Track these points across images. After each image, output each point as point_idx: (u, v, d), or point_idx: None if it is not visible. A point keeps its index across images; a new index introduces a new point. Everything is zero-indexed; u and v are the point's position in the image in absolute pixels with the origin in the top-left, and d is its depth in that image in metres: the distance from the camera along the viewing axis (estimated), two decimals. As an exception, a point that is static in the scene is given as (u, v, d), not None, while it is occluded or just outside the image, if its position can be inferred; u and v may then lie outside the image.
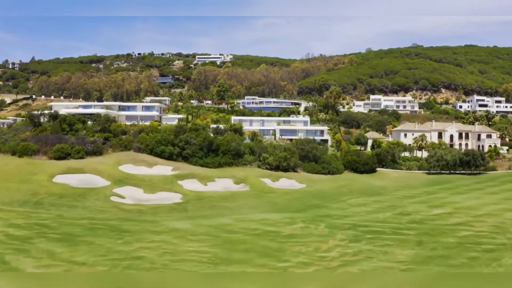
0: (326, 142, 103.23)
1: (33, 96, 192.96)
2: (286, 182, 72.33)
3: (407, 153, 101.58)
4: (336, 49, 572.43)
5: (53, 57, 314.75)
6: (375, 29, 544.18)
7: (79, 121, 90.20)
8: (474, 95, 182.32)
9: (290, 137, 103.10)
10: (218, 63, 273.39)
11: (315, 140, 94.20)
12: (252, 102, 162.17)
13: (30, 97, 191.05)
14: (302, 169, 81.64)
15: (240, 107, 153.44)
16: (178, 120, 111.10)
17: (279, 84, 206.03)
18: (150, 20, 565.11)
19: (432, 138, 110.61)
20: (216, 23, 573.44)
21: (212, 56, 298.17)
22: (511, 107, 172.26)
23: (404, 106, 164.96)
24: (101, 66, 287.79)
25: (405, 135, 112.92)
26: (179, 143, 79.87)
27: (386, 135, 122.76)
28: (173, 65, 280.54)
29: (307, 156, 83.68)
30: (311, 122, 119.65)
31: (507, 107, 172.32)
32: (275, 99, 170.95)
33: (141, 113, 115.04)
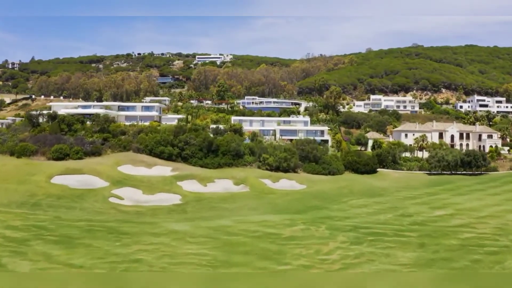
0: (327, 143, 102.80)
1: (33, 96, 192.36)
2: (286, 183, 71.81)
3: (408, 154, 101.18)
4: (336, 49, 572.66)
5: (53, 57, 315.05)
6: (375, 29, 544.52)
7: (78, 122, 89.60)
8: (475, 95, 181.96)
9: (290, 138, 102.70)
10: (218, 63, 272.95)
11: (316, 141, 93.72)
12: (252, 102, 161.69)
13: (30, 97, 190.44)
14: (303, 170, 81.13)
15: (240, 107, 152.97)
16: (178, 120, 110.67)
17: (279, 84, 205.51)
18: (150, 20, 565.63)
19: (433, 139, 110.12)
20: (216, 23, 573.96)
21: (212, 56, 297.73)
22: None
23: (405, 106, 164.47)
24: (101, 66, 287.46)
25: (406, 136, 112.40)
26: (179, 144, 79.34)
27: (387, 136, 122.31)
28: (173, 65, 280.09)
29: (308, 157, 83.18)
30: (311, 122, 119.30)
31: (508, 107, 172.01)
32: (275, 99, 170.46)
33: (141, 113, 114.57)
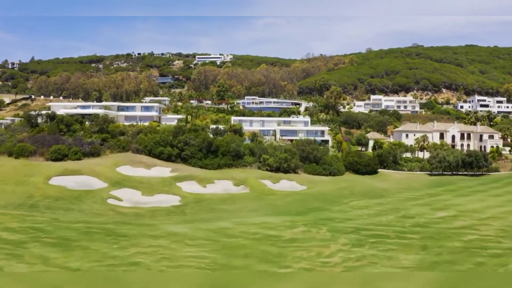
0: (327, 143, 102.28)
1: (32, 96, 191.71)
2: (287, 184, 71.26)
3: (409, 154, 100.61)
4: (336, 49, 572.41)
5: (53, 57, 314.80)
6: (375, 29, 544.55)
7: (77, 122, 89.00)
8: (475, 95, 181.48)
9: (291, 138, 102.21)
10: (218, 63, 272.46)
11: (316, 141, 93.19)
12: (252, 102, 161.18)
13: (29, 97, 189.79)
14: (303, 171, 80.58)
15: (240, 107, 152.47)
16: (178, 121, 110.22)
17: (279, 84, 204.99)
18: (150, 20, 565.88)
19: (434, 139, 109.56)
20: (216, 23, 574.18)
21: (212, 56, 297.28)
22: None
23: (405, 106, 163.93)
24: (101, 66, 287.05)
25: (407, 136, 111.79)
26: (178, 144, 78.76)
27: (387, 136, 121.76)
28: (173, 65, 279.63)
29: (308, 157, 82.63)
30: (312, 123, 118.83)
31: (509, 107, 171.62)
32: (275, 99, 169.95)
33: (140, 114, 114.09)
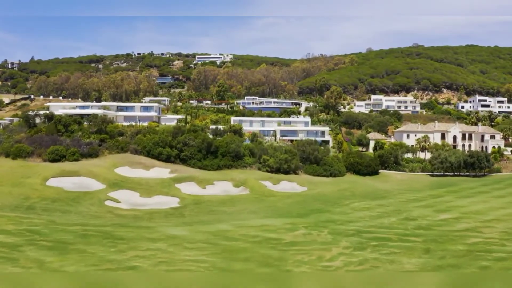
0: (327, 143, 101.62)
1: (32, 96, 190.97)
2: (287, 185, 70.53)
3: (410, 155, 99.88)
4: (337, 49, 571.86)
5: (53, 57, 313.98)
6: (375, 29, 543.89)
7: (75, 122, 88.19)
8: (476, 95, 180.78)
9: (291, 138, 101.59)
10: (218, 63, 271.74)
11: (317, 142, 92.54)
12: (252, 102, 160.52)
13: (29, 97, 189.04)
14: (304, 171, 79.92)
15: (240, 108, 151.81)
16: (177, 121, 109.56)
17: (280, 84, 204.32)
18: (150, 20, 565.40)
19: (435, 139, 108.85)
20: (216, 23, 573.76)
21: (212, 56, 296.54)
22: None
23: (406, 107, 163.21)
24: (101, 66, 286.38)
25: (408, 136, 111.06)
26: (177, 145, 78.02)
27: (388, 136, 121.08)
28: (173, 65, 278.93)
29: (309, 158, 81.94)
30: (312, 123, 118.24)
31: (510, 108, 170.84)
32: (276, 99, 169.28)
33: (140, 114, 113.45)
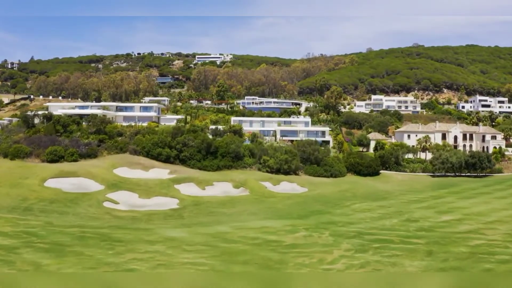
0: (328, 144, 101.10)
1: (31, 96, 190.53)
2: (287, 186, 69.95)
3: (411, 155, 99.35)
4: (337, 49, 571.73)
5: (53, 57, 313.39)
6: (376, 29, 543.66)
7: (74, 123, 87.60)
8: (477, 95, 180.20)
9: (291, 138, 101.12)
10: (218, 63, 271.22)
11: (317, 142, 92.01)
12: (252, 102, 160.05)
13: (28, 97, 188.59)
14: (304, 172, 79.38)
15: (240, 108, 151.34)
16: (177, 121, 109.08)
17: (280, 84, 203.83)
18: (150, 20, 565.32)
19: (436, 139, 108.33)
20: (216, 23, 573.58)
21: (212, 56, 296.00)
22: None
23: (406, 107, 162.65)
24: (100, 66, 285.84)
25: (409, 136, 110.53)
26: (177, 145, 77.44)
27: (389, 136, 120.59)
28: (173, 65, 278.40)
29: (309, 159, 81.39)
30: (312, 123, 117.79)
31: (510, 108, 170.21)
32: (276, 99, 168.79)
33: (139, 114, 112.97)
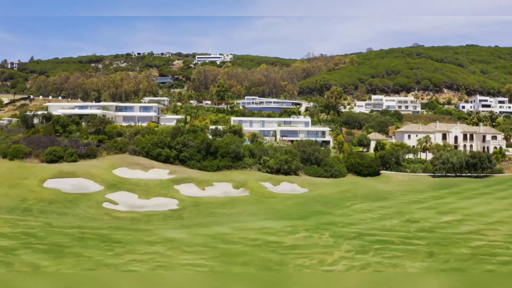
0: (328, 144, 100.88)
1: (31, 96, 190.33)
2: (288, 186, 69.67)
3: (411, 155, 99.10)
4: (337, 49, 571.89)
5: (52, 57, 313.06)
6: (376, 29, 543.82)
7: (73, 123, 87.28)
8: (477, 95, 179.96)
9: (291, 139, 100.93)
10: (218, 63, 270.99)
11: (317, 142, 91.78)
12: (252, 102, 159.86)
13: (28, 97, 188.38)
14: (304, 172, 79.11)
15: (240, 108, 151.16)
16: (177, 121, 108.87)
17: (280, 84, 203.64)
18: (150, 20, 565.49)
19: (436, 140, 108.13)
20: (216, 23, 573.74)
21: (212, 56, 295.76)
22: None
23: (406, 107, 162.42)
24: (100, 66, 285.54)
25: (409, 137, 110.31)
26: (176, 146, 77.14)
27: (389, 136, 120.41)
28: (173, 65, 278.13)
29: (309, 159, 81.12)
30: (312, 123, 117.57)
31: (511, 108, 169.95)
32: (276, 99, 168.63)
33: (139, 114, 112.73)
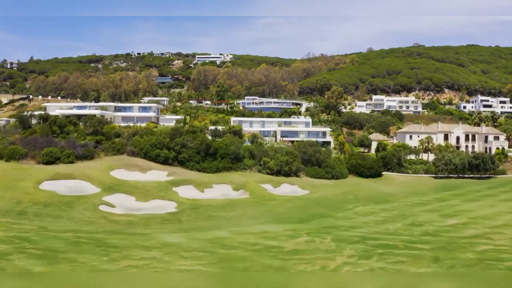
0: (329, 144, 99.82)
1: (30, 96, 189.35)
2: (288, 188, 68.49)
3: (413, 156, 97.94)
4: (337, 49, 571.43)
5: (52, 57, 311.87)
6: (376, 29, 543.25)
7: (70, 123, 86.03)
8: (478, 96, 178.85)
9: (291, 139, 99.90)
10: (218, 63, 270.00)
11: (318, 143, 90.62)
12: (252, 103, 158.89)
13: (27, 97, 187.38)
14: (305, 174, 77.84)
15: (240, 108, 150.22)
16: (176, 122, 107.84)
17: (280, 84, 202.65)
18: (150, 20, 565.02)
19: (438, 140, 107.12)
20: (216, 23, 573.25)
21: (212, 56, 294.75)
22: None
23: (407, 107, 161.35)
24: (100, 66, 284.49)
25: (411, 137, 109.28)
26: (175, 147, 75.87)
27: (390, 137, 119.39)
28: (173, 65, 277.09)
29: (310, 160, 79.89)
30: (313, 123, 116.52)
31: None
32: (276, 100, 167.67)
33: (138, 114, 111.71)
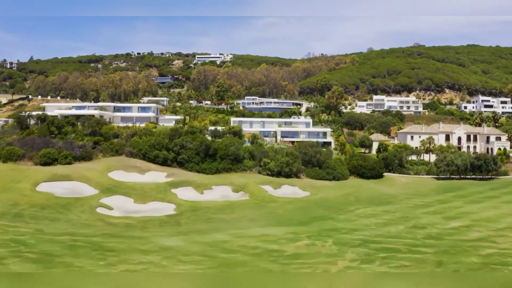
0: (329, 145, 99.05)
1: (30, 96, 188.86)
2: (289, 190, 67.69)
3: (414, 157, 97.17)
4: (337, 49, 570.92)
5: (52, 57, 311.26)
6: (376, 29, 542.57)
7: (68, 124, 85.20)
8: (479, 96, 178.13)
9: (292, 139, 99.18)
10: (218, 63, 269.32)
11: (319, 143, 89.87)
12: (252, 103, 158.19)
13: (26, 97, 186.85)
14: (305, 175, 77.01)
15: (240, 108, 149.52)
16: (175, 122, 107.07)
17: (280, 84, 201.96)
18: (150, 20, 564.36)
19: (439, 141, 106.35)
20: (216, 23, 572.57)
21: (212, 56, 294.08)
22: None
23: (408, 107, 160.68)
24: (100, 66, 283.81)
25: (412, 138, 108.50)
26: (174, 148, 75.03)
27: (391, 137, 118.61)
28: (173, 65, 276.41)
29: (311, 161, 79.09)
30: (313, 123, 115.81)
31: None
32: (276, 100, 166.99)
33: (137, 114, 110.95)
